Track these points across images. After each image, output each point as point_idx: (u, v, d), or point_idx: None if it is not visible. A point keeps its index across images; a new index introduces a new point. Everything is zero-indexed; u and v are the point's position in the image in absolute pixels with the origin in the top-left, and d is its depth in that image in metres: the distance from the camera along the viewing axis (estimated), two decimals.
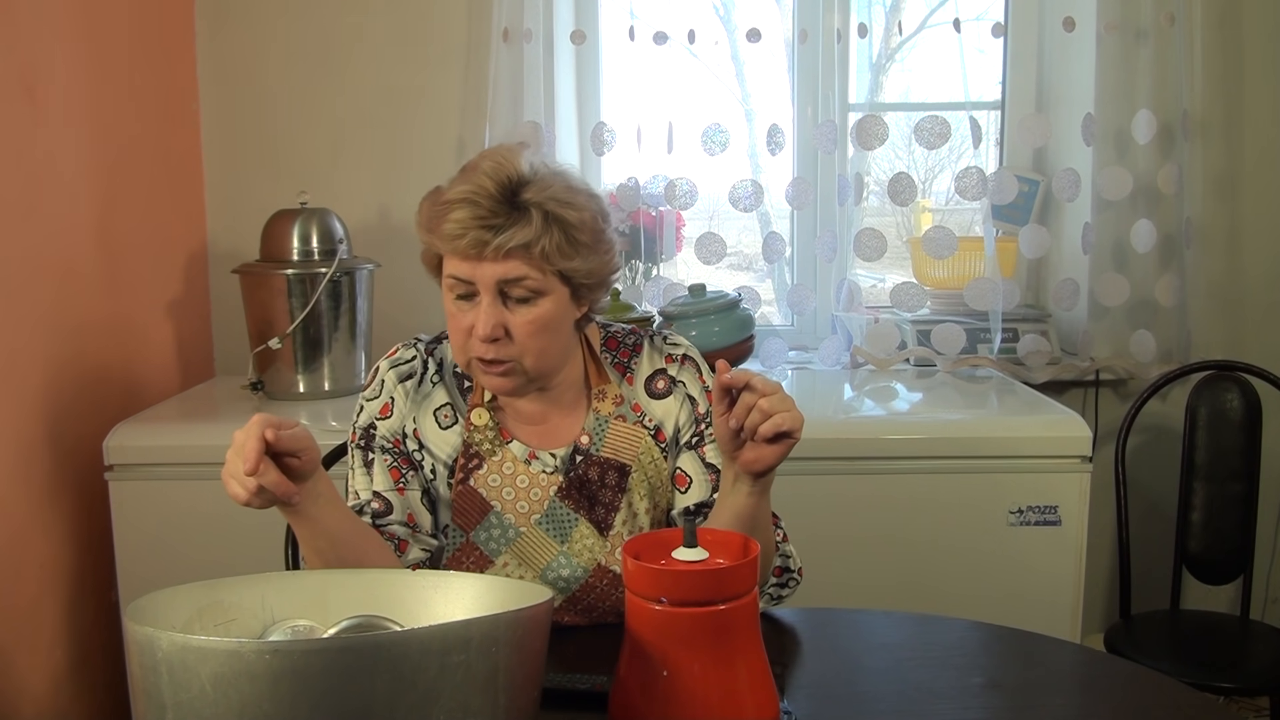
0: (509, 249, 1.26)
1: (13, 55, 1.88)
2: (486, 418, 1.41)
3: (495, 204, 1.26)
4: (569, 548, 1.40)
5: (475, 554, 1.40)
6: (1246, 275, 2.69)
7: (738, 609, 1.06)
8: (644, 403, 1.45)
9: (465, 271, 1.28)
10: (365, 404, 1.45)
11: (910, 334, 2.57)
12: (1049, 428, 2.12)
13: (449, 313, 1.33)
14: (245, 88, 2.59)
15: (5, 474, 1.86)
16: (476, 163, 1.31)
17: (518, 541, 1.40)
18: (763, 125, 2.53)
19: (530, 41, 2.45)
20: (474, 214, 1.25)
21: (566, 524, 1.40)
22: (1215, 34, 2.57)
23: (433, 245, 1.32)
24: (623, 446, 1.42)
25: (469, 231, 1.25)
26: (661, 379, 1.46)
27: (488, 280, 1.28)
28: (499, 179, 1.27)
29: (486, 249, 1.26)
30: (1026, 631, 1.42)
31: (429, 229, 1.31)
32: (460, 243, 1.26)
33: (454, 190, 1.28)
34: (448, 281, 1.31)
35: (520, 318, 1.30)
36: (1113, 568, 2.66)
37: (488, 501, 1.40)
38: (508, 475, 1.41)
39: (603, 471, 1.41)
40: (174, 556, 2.04)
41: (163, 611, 1.01)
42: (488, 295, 1.29)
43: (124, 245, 2.25)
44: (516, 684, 0.95)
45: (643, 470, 1.42)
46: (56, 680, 2.00)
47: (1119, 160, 2.54)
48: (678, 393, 1.46)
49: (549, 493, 1.40)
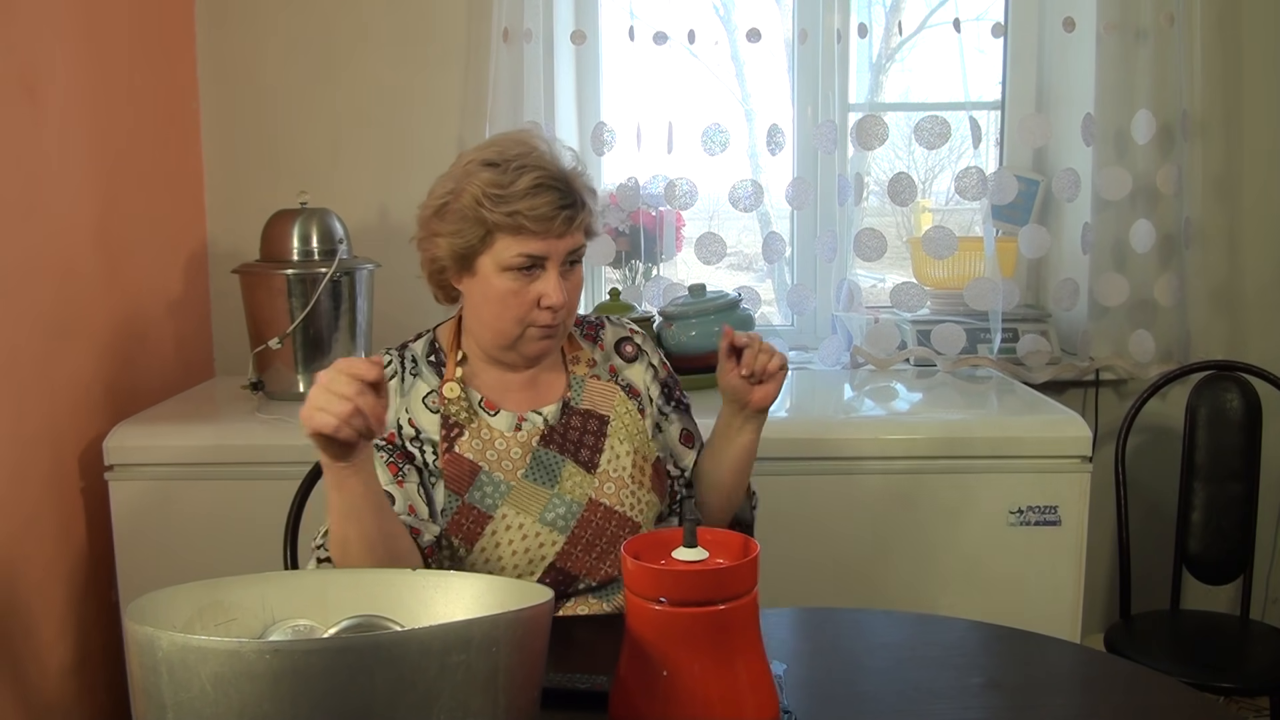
0: (579, 224, 1.42)
1: (13, 55, 1.88)
2: (458, 390, 1.50)
3: (564, 184, 1.41)
4: (559, 488, 1.48)
5: (473, 513, 1.46)
6: (1245, 275, 2.69)
7: (738, 609, 1.06)
8: (617, 364, 1.61)
9: (542, 249, 1.40)
10: None
11: (910, 334, 2.57)
12: (1049, 428, 2.12)
13: (507, 290, 1.42)
14: (245, 87, 2.59)
15: (5, 474, 1.86)
16: (516, 149, 1.42)
17: (510, 494, 1.47)
18: (763, 125, 2.53)
19: (530, 41, 2.45)
20: (556, 197, 1.39)
21: (554, 467, 1.50)
22: (1215, 34, 2.57)
23: (503, 226, 1.39)
24: (599, 400, 1.56)
25: (559, 213, 1.39)
26: (629, 345, 1.63)
27: (561, 253, 1.42)
28: (554, 161, 1.42)
29: (571, 226, 1.41)
30: (1026, 631, 1.42)
31: (501, 210, 1.38)
32: (552, 223, 1.39)
33: (522, 177, 1.38)
34: (515, 260, 1.40)
35: (572, 281, 1.46)
36: (1113, 568, 2.66)
37: (475, 463, 1.47)
38: (487, 439, 1.49)
39: (584, 420, 1.54)
40: (174, 556, 2.04)
41: (163, 611, 1.01)
42: (555, 268, 1.42)
43: (124, 245, 2.25)
44: (516, 684, 0.95)
45: (620, 420, 1.55)
46: (56, 680, 2.00)
47: (1118, 160, 2.54)
48: (642, 359, 1.62)
49: (531, 444, 1.50)
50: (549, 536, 1.46)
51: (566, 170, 1.43)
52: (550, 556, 1.46)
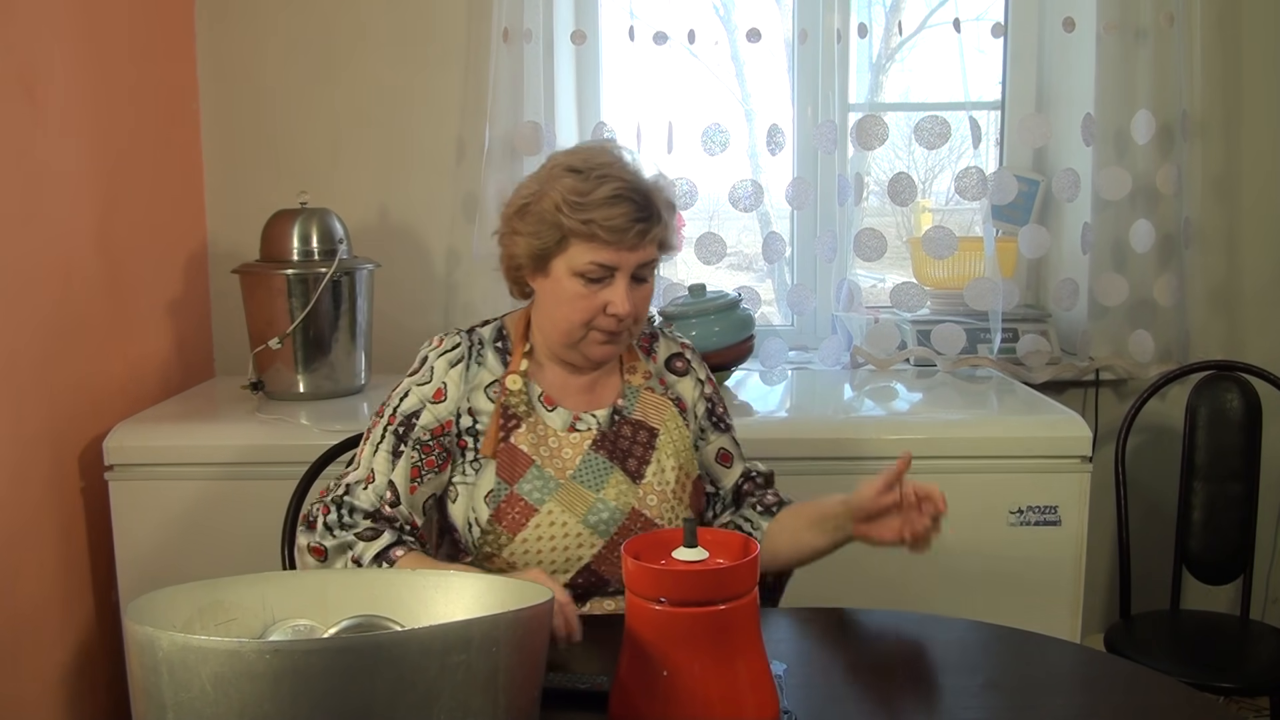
0: (654, 239, 1.45)
1: (13, 55, 1.88)
2: (520, 384, 1.53)
3: (642, 197, 1.44)
4: (604, 493, 1.51)
5: (520, 504, 1.48)
6: (1245, 275, 2.69)
7: (738, 609, 1.06)
8: (668, 379, 1.64)
9: (613, 259, 1.43)
10: (415, 388, 1.53)
11: (910, 334, 2.57)
12: (1049, 428, 2.12)
13: (575, 294, 1.45)
14: (245, 87, 2.59)
15: (5, 474, 1.86)
16: (599, 158, 1.46)
17: (558, 492, 1.49)
18: (763, 125, 2.53)
19: (530, 41, 2.45)
20: (633, 209, 1.42)
21: (602, 472, 1.52)
22: (1214, 34, 2.57)
23: (578, 233, 1.42)
24: (651, 412, 1.58)
25: (634, 225, 1.42)
26: (679, 360, 1.66)
27: (631, 265, 1.45)
28: (635, 174, 1.46)
29: (645, 239, 1.43)
30: (1026, 631, 1.42)
31: (578, 216, 1.41)
32: (626, 235, 1.42)
33: (603, 186, 1.42)
34: (586, 268, 1.43)
35: (641, 293, 1.49)
36: (1113, 568, 2.66)
37: (529, 455, 1.50)
38: (542, 435, 1.52)
39: (635, 431, 1.56)
40: (174, 556, 2.04)
41: (163, 611, 1.01)
42: (625, 279, 1.45)
43: (124, 245, 2.25)
44: (516, 684, 0.95)
45: (669, 434, 1.57)
46: (56, 680, 2.00)
47: (1118, 160, 2.53)
48: (691, 375, 1.66)
49: (583, 447, 1.53)
50: (589, 539, 1.48)
51: (647, 183, 1.46)
52: (586, 558, 1.48)
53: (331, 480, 1.53)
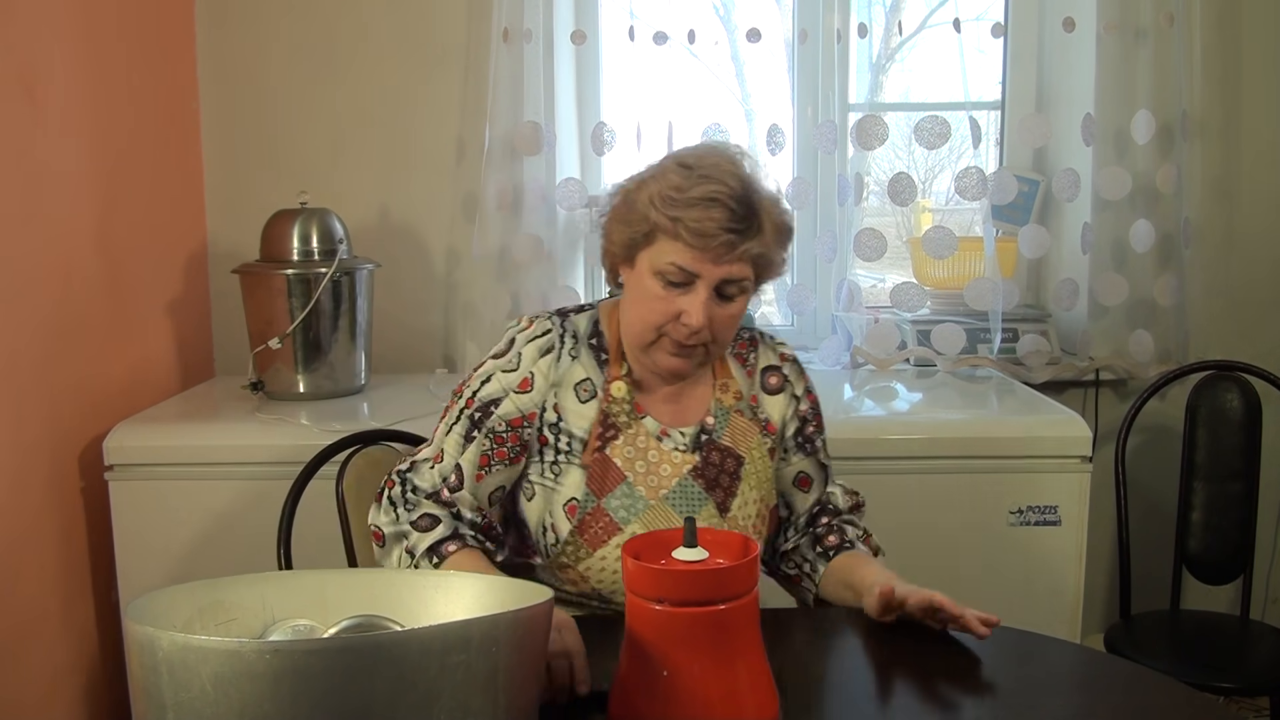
0: (747, 255, 1.35)
1: (13, 55, 1.88)
2: (625, 390, 1.47)
3: (740, 206, 1.34)
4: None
5: (605, 519, 1.43)
6: (1244, 275, 2.69)
7: (738, 609, 1.06)
8: (760, 396, 1.54)
9: (695, 265, 1.35)
10: (499, 374, 1.47)
11: (910, 334, 2.57)
12: (1049, 428, 2.12)
13: (652, 294, 1.38)
14: (245, 87, 2.59)
15: (5, 474, 1.86)
16: (708, 159, 1.37)
17: (645, 513, 1.44)
18: (763, 125, 2.53)
19: (530, 41, 2.45)
20: (726, 216, 1.33)
21: (696, 502, 1.45)
22: (1214, 34, 2.57)
23: (665, 230, 1.35)
24: (740, 438, 1.50)
25: (722, 233, 1.33)
26: (774, 375, 1.55)
27: (715, 277, 1.36)
28: (743, 183, 1.35)
29: (734, 251, 1.34)
30: (1026, 631, 1.42)
31: (667, 213, 1.34)
32: (711, 241, 1.33)
33: (699, 186, 1.34)
34: (666, 268, 1.36)
35: (724, 311, 1.39)
36: (1113, 568, 2.66)
37: (622, 471, 1.44)
38: (640, 449, 1.46)
39: (723, 457, 1.48)
40: (174, 556, 2.04)
41: (163, 611, 1.01)
42: (706, 291, 1.36)
43: (124, 245, 2.25)
44: (516, 684, 0.95)
45: (754, 464, 1.50)
46: (56, 680, 2.00)
47: (1118, 160, 2.54)
48: (787, 391, 1.55)
49: (681, 471, 1.46)
50: None
51: (754, 196, 1.36)
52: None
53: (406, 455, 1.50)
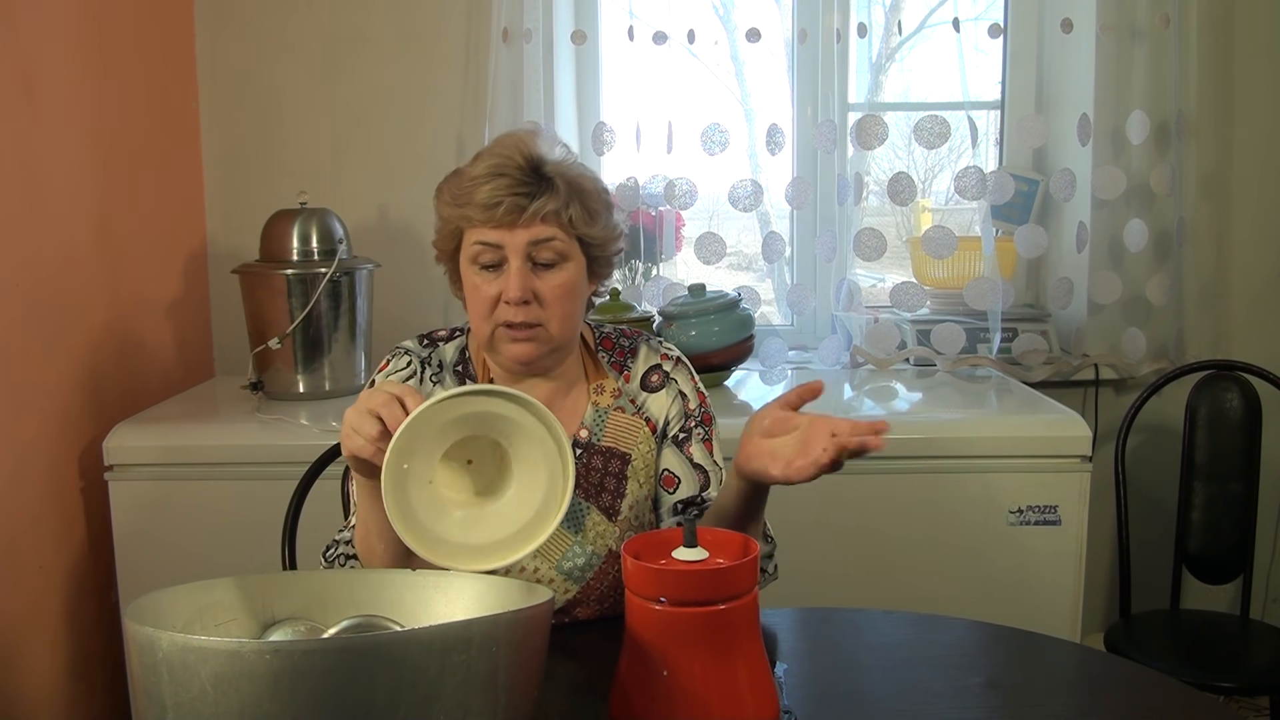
0: (543, 214, 1.33)
1: (13, 55, 1.88)
2: None
3: (524, 174, 1.34)
4: (583, 536, 1.42)
5: None
6: (1237, 274, 2.70)
7: (738, 609, 1.06)
8: (639, 396, 1.50)
9: (496, 237, 1.34)
10: None
11: (910, 334, 2.57)
12: (1049, 427, 2.12)
13: (473, 285, 1.37)
14: (245, 88, 2.59)
15: (5, 474, 1.86)
16: (495, 145, 1.39)
17: None
18: (762, 125, 2.53)
19: (530, 41, 2.45)
20: (507, 183, 1.33)
21: (579, 513, 1.43)
22: (1209, 36, 2.58)
23: (461, 219, 1.36)
24: (622, 436, 1.47)
25: (505, 199, 1.32)
26: (656, 374, 1.51)
27: (519, 245, 1.34)
28: (524, 152, 1.35)
29: (522, 215, 1.33)
30: (1026, 631, 1.42)
31: (457, 204, 1.36)
32: (497, 210, 1.32)
33: (481, 165, 1.35)
34: (473, 250, 1.36)
35: (548, 282, 1.36)
36: (1113, 568, 2.66)
37: None
38: None
39: (606, 460, 1.45)
40: (174, 556, 2.04)
41: (163, 611, 1.01)
42: (517, 260, 1.34)
43: (123, 245, 2.25)
44: (516, 684, 0.95)
45: (641, 459, 1.47)
46: (56, 680, 2.00)
47: (1114, 160, 2.54)
48: (670, 388, 1.50)
49: None
50: (563, 585, 1.41)
51: (541, 160, 1.35)
52: (560, 604, 1.41)
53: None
